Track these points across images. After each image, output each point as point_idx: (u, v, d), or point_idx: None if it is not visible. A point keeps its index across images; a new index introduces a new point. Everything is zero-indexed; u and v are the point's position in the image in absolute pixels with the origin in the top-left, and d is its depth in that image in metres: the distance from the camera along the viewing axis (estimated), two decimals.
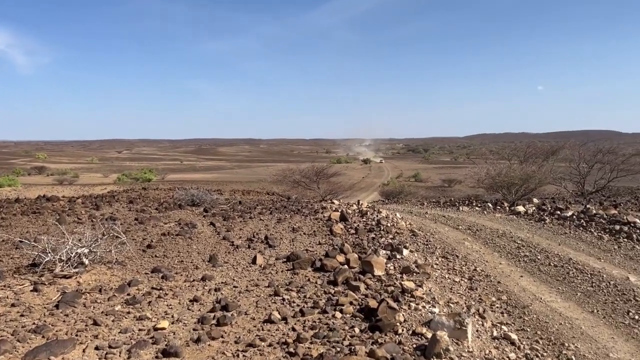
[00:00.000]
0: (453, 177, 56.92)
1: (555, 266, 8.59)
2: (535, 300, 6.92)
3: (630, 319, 6.13)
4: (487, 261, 9.15)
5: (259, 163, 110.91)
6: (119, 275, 7.32)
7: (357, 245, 9.45)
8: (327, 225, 11.31)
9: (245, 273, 7.49)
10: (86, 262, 7.36)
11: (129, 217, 12.32)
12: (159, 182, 48.25)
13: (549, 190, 26.41)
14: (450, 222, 13.69)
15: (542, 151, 31.59)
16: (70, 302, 5.84)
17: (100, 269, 7.38)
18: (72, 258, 7.18)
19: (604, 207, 14.88)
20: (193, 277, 7.23)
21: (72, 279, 6.83)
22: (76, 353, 4.56)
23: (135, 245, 9.13)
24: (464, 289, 7.40)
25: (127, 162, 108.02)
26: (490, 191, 22.37)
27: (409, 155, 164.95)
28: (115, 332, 5.10)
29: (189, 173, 76.40)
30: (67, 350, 4.55)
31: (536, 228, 12.50)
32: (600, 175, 23.88)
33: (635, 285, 7.31)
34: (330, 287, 6.63)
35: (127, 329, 5.14)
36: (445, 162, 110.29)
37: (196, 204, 14.49)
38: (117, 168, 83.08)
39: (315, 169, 27.45)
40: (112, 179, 55.48)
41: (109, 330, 5.15)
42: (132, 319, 5.48)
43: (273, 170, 37.77)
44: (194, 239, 9.83)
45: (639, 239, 10.30)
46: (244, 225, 11.39)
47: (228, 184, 41.53)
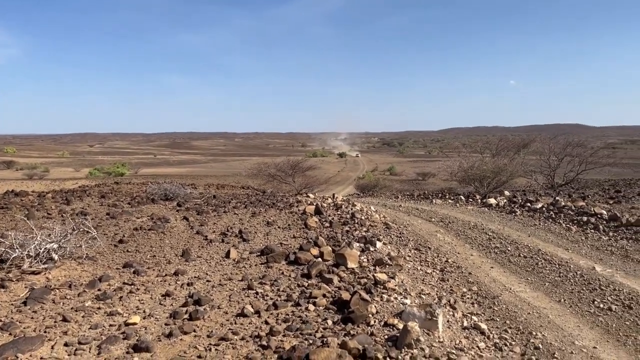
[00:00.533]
0: (427, 171, 57.46)
1: (524, 257, 8.78)
2: (505, 290, 7.07)
3: (596, 308, 6.31)
4: (459, 253, 9.29)
5: (234, 157, 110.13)
6: (90, 270, 7.21)
7: (332, 238, 9.49)
8: (302, 219, 11.32)
9: (219, 267, 7.46)
10: (55, 257, 7.22)
11: (101, 211, 12.11)
12: (131, 176, 47.51)
13: (520, 183, 26.94)
14: (424, 214, 13.85)
15: (514, 144, 32.13)
16: (39, 298, 5.74)
17: (70, 265, 7.25)
18: (41, 254, 7.03)
19: (572, 199, 15.25)
20: (165, 272, 7.17)
21: (41, 275, 6.70)
22: (44, 350, 4.49)
23: (106, 240, 9.00)
24: (435, 280, 7.51)
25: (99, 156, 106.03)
26: (463, 184, 22.70)
27: (384, 149, 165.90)
28: (85, 328, 5.04)
29: (162, 167, 75.42)
30: (35, 347, 4.47)
31: (507, 220, 12.74)
32: (569, 168, 24.44)
33: (601, 274, 7.53)
34: (303, 280, 6.66)
35: (98, 325, 5.08)
36: (420, 156, 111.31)
37: (169, 198, 14.32)
38: (89, 162, 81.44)
39: (291, 162, 27.41)
40: (84, 174, 54.35)
41: (79, 326, 5.08)
42: (102, 315, 5.42)
43: (248, 164, 37.58)
44: (166, 234, 9.73)
45: (605, 230, 10.59)
46: (218, 220, 11.32)
47: (202, 178, 41.13)
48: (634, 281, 7.22)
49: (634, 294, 6.62)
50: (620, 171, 43.03)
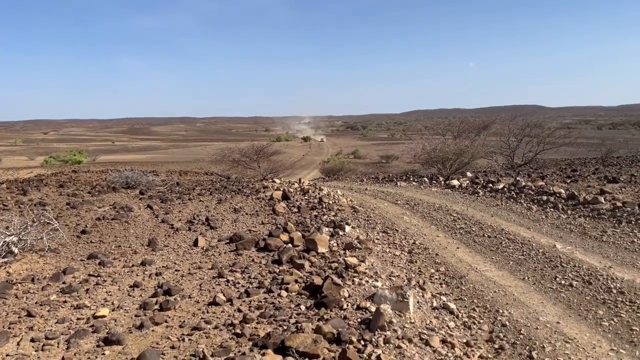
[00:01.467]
0: (391, 153, 58.00)
1: (489, 237, 9.01)
2: (471, 270, 7.25)
3: (557, 284, 6.55)
4: (425, 234, 9.46)
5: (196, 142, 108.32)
6: (53, 263, 7.01)
7: (300, 224, 9.49)
8: (270, 205, 11.26)
9: (187, 256, 7.35)
10: (15, 250, 6.98)
11: (60, 201, 11.74)
12: (89, 164, 46.12)
13: (481, 164, 27.58)
14: (389, 197, 14.01)
15: (475, 126, 32.84)
16: (0, 293, 5.54)
17: (31, 258, 7.03)
18: (0, 247, 6.78)
19: (532, 179, 15.71)
20: (132, 262, 7.03)
21: (1, 269, 6.46)
22: (10, 346, 4.34)
23: (68, 232, 8.74)
24: (404, 262, 7.63)
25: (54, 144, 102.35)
26: (426, 166, 23.07)
27: (348, 132, 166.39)
28: (51, 322, 4.90)
29: (121, 154, 73.50)
30: (0, 344, 4.32)
31: (470, 201, 13.03)
32: (528, 149, 25.15)
33: (562, 252, 7.80)
34: (275, 267, 6.64)
35: (65, 319, 4.95)
36: (383, 139, 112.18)
37: (131, 186, 13.99)
38: (43, 150, 78.53)
39: (255, 147, 27.17)
40: (39, 162, 52.40)
41: (45, 321, 4.94)
42: (69, 308, 5.28)
43: (211, 149, 37.02)
44: (131, 223, 9.52)
45: (564, 208, 10.97)
46: (183, 207, 11.15)
47: (164, 165, 40.36)
48: (593, 257, 7.52)
49: (592, 269, 6.90)
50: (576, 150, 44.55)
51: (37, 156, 65.50)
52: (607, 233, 8.83)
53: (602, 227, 9.24)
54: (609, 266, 7.03)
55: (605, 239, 8.54)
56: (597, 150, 36.87)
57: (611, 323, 5.37)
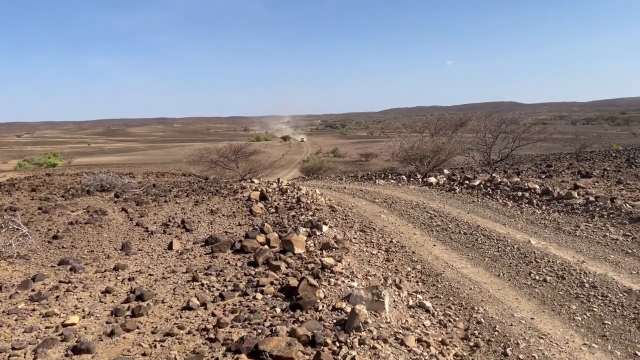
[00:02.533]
0: (370, 152, 58.15)
1: (465, 234, 9.07)
2: (448, 267, 7.28)
3: (532, 280, 6.61)
4: (403, 232, 9.48)
5: (174, 143, 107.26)
6: (22, 270, 6.82)
7: (278, 224, 9.43)
8: (247, 206, 11.17)
9: (161, 260, 7.23)
10: None
11: (32, 206, 11.46)
12: (65, 167, 45.30)
13: (458, 161, 27.81)
14: (368, 195, 14.03)
15: (452, 124, 33.12)
16: None
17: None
18: None
19: (507, 175, 15.89)
20: (105, 267, 6.89)
21: None
22: None
23: (39, 237, 8.53)
24: (381, 260, 7.63)
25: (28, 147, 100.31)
26: (404, 164, 23.20)
27: (327, 131, 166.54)
28: (19, 332, 4.76)
29: (97, 156, 72.37)
30: None
31: (447, 198, 13.11)
32: (504, 145, 25.45)
33: (536, 247, 7.89)
34: (250, 269, 6.57)
35: (33, 328, 4.81)
36: (362, 137, 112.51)
37: (106, 189, 13.74)
38: (17, 153, 76.89)
39: (233, 147, 26.94)
40: (12, 166, 51.23)
41: (12, 330, 4.80)
42: (37, 317, 5.14)
43: (189, 150, 36.66)
44: (104, 227, 9.33)
45: (539, 204, 11.11)
46: (159, 210, 10.98)
47: (141, 166, 39.83)
48: (566, 252, 7.62)
49: (566, 264, 6.98)
50: (551, 146, 45.26)
51: (10, 160, 64.07)
52: (580, 227, 8.96)
53: (576, 222, 9.37)
54: (582, 260, 7.13)
55: (578, 233, 8.66)
56: (571, 145, 37.52)
57: (584, 317, 5.43)
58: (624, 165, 16.22)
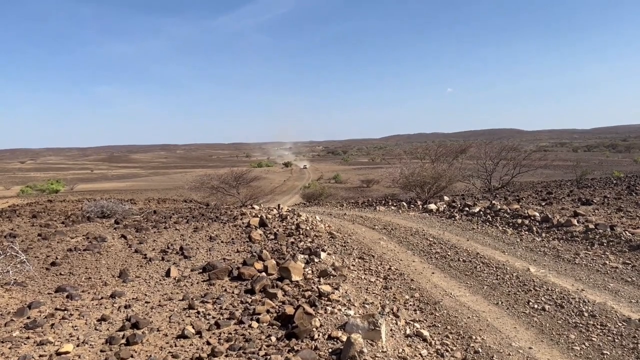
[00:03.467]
0: (371, 178, 58.35)
1: (464, 261, 9.03)
2: (446, 295, 7.23)
3: (531, 309, 6.56)
4: (401, 259, 9.44)
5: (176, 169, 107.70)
6: (18, 297, 6.80)
7: (276, 251, 9.41)
8: (246, 232, 11.16)
9: (159, 287, 7.21)
10: None
11: (32, 232, 11.49)
12: (67, 193, 45.45)
13: (459, 188, 27.82)
14: (367, 222, 14.01)
15: (452, 150, 33.22)
16: None
17: None
18: None
19: (507, 202, 15.89)
20: (101, 295, 6.87)
21: None
22: None
23: (37, 264, 8.53)
24: (379, 288, 7.58)
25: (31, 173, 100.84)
26: (405, 190, 23.18)
27: (329, 157, 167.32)
28: None
29: (100, 182, 72.65)
30: None
31: (447, 225, 13.09)
32: (505, 172, 25.44)
33: (535, 275, 7.85)
34: (247, 296, 6.54)
35: (26, 356, 4.78)
36: (363, 163, 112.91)
37: (106, 215, 13.78)
38: (20, 180, 77.28)
39: (234, 173, 26.99)
40: (15, 192, 51.41)
41: (5, 359, 4.76)
42: (32, 345, 5.11)
43: (190, 176, 36.78)
44: (103, 254, 9.33)
45: (538, 231, 11.08)
46: (158, 236, 10.98)
47: (143, 193, 39.94)
48: (565, 280, 7.57)
49: (565, 293, 6.94)
50: (552, 173, 45.31)
51: (13, 186, 64.36)
52: (579, 255, 8.92)
53: (575, 250, 9.34)
54: (581, 289, 7.08)
55: (577, 261, 8.63)
56: (572, 172, 37.57)
57: (582, 347, 5.38)
58: (624, 192, 16.22)
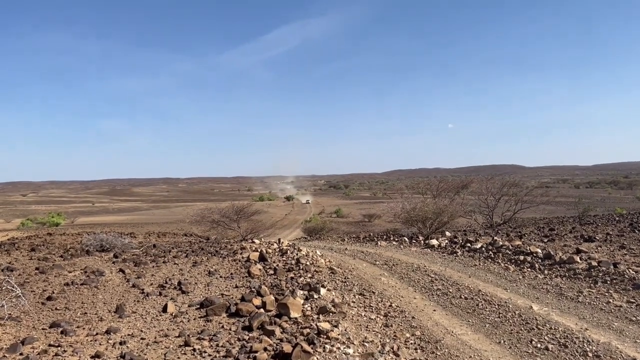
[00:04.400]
0: (372, 212, 58.26)
1: (465, 298, 8.90)
2: (447, 334, 7.09)
3: (533, 348, 6.42)
4: (402, 296, 9.31)
5: (178, 203, 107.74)
6: (12, 332, 6.68)
7: (275, 287, 9.30)
8: (246, 267, 11.06)
9: (155, 323, 7.09)
10: None
11: (30, 266, 11.37)
12: (67, 226, 45.37)
13: (461, 223, 27.69)
14: (369, 257, 13.89)
15: (453, 186, 33.23)
16: None
17: None
18: None
19: (509, 238, 15.78)
20: (96, 331, 6.74)
21: None
22: None
23: (33, 298, 8.41)
24: (379, 326, 7.45)
25: (33, 206, 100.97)
26: (407, 225, 23.09)
27: (331, 192, 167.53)
28: None
29: (101, 215, 72.62)
30: None
31: (449, 261, 12.96)
32: (506, 207, 25.38)
33: (538, 314, 7.71)
34: (244, 333, 6.42)
35: None
36: (365, 198, 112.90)
37: (106, 249, 13.69)
38: (21, 212, 77.34)
39: (235, 207, 27.00)
40: (15, 225, 51.38)
41: None
42: None
43: (192, 210, 36.75)
44: (100, 288, 9.22)
45: (541, 268, 10.96)
46: (157, 271, 10.88)
47: (144, 226, 39.84)
48: (569, 319, 7.43)
49: (568, 332, 6.80)
50: (554, 209, 45.19)
51: (14, 219, 64.36)
52: (583, 293, 8.79)
53: (578, 287, 9.21)
54: (585, 328, 6.95)
55: (581, 299, 8.49)
56: (575, 208, 37.47)
57: None
58: (627, 229, 16.12)
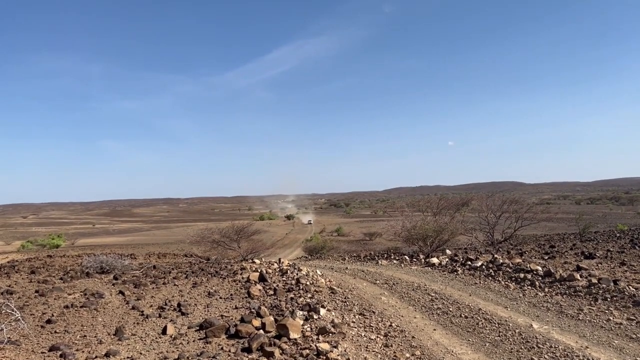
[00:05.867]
0: (373, 231, 58.11)
1: (465, 317, 8.88)
2: (447, 353, 7.07)
3: None
4: (403, 316, 9.29)
5: (178, 223, 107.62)
6: (11, 357, 6.66)
7: (275, 307, 9.28)
8: (245, 287, 11.04)
9: (154, 345, 7.08)
10: None
11: (29, 289, 11.36)
12: (68, 247, 45.27)
13: (462, 241, 27.62)
14: (369, 276, 13.86)
15: (454, 203, 33.25)
16: None
17: None
18: None
19: (510, 256, 15.76)
20: (96, 354, 6.73)
21: None
22: None
23: (33, 321, 8.40)
24: (379, 346, 7.43)
25: (33, 228, 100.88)
26: (407, 243, 23.05)
27: (331, 210, 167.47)
28: None
29: (101, 237, 72.51)
30: None
31: (449, 279, 12.94)
32: (507, 225, 25.31)
33: (538, 332, 7.69)
34: (244, 355, 6.42)
35: None
36: (366, 216, 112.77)
37: (105, 271, 13.68)
38: (21, 234, 77.22)
39: (236, 227, 27.01)
40: (16, 247, 51.29)
41: None
42: None
43: (192, 230, 36.74)
44: (100, 310, 9.21)
45: (541, 286, 10.94)
46: (157, 292, 10.86)
47: (144, 247, 39.76)
48: (569, 337, 7.42)
49: (569, 350, 6.78)
50: (555, 225, 45.12)
51: (14, 241, 64.28)
52: (583, 311, 8.78)
53: (579, 305, 9.19)
54: (586, 346, 6.93)
55: (581, 317, 8.48)
56: (575, 225, 37.40)
57: None
58: (627, 246, 16.12)
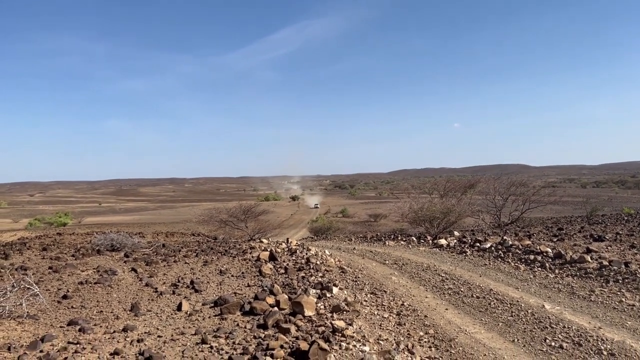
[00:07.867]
0: (379, 212, 58.22)
1: (477, 297, 8.92)
2: (461, 332, 7.12)
3: (547, 346, 6.44)
4: (414, 295, 9.34)
5: (184, 203, 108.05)
6: (31, 330, 6.76)
7: (287, 286, 9.35)
8: (256, 266, 11.12)
9: (170, 321, 7.16)
10: None
11: (43, 265, 11.48)
12: (75, 226, 45.59)
13: (468, 223, 27.60)
14: (378, 257, 13.92)
15: (461, 185, 33.10)
16: None
17: (9, 325, 6.78)
18: None
19: (519, 237, 15.77)
20: (113, 328, 6.81)
21: None
22: None
23: (49, 297, 8.49)
24: (392, 324, 7.49)
25: (40, 206, 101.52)
26: (414, 225, 23.07)
27: (336, 191, 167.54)
28: None
29: (108, 216, 72.92)
30: None
31: (458, 260, 12.98)
32: (514, 207, 25.25)
33: (550, 312, 7.73)
34: (260, 331, 6.48)
35: None
36: (371, 197, 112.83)
37: (116, 248, 13.79)
38: (29, 212, 77.75)
39: (243, 207, 27.03)
40: (23, 224, 51.67)
41: None
42: None
43: (198, 210, 36.86)
44: (114, 287, 9.30)
45: (552, 267, 10.96)
46: (168, 270, 10.95)
47: (151, 226, 39.98)
48: (582, 318, 7.45)
49: (582, 330, 6.82)
50: (562, 209, 45.03)
51: (22, 218, 64.77)
52: (595, 292, 8.80)
53: (590, 287, 9.21)
54: (599, 327, 6.96)
55: (593, 298, 8.50)
56: (582, 208, 37.31)
57: None
58: (636, 229, 16.08)
